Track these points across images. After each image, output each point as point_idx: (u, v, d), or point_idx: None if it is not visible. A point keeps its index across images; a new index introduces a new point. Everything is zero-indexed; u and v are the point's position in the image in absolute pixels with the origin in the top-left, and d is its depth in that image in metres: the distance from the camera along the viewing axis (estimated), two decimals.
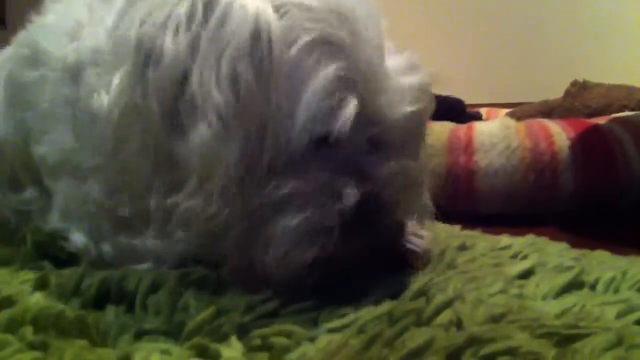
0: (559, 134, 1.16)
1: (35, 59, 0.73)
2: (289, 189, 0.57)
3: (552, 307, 0.58)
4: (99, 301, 0.59)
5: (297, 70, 0.57)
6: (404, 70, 0.63)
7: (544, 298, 0.61)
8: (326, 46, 0.58)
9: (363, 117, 0.59)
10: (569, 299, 0.60)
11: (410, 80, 0.62)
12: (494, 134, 1.16)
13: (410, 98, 0.62)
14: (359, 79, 0.58)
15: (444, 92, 1.62)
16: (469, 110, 1.77)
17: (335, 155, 0.59)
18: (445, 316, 0.52)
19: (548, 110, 1.80)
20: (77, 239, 0.70)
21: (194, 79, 0.55)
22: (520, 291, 0.62)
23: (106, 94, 0.60)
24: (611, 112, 1.61)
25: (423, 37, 2.46)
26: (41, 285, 0.62)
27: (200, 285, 0.60)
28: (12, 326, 0.51)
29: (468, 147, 1.16)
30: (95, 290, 0.59)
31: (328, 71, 0.57)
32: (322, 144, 0.58)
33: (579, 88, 1.80)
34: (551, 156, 1.14)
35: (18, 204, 0.79)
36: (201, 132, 0.55)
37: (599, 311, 0.56)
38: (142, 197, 0.60)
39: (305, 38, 0.57)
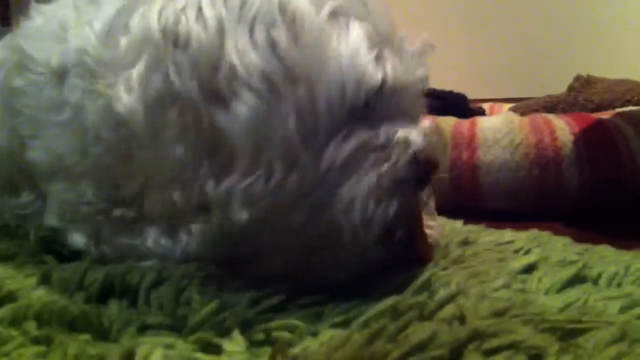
0: (563, 129, 1.16)
1: (22, 64, 0.73)
2: (357, 144, 0.56)
3: (555, 301, 0.58)
4: (103, 296, 0.59)
5: (331, 33, 0.56)
6: (405, 39, 0.64)
7: (547, 292, 0.61)
8: (350, 12, 0.58)
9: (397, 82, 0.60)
10: (572, 293, 0.60)
11: (414, 47, 0.64)
12: (497, 129, 1.16)
13: (420, 63, 0.63)
14: (384, 42, 0.59)
15: (447, 87, 1.62)
16: (472, 105, 1.77)
17: (381, 110, 0.59)
18: (448, 311, 0.52)
19: (552, 105, 1.80)
20: (76, 240, 0.70)
21: (230, 50, 0.55)
22: (523, 286, 0.62)
23: (126, 90, 0.58)
24: (615, 107, 1.60)
25: (426, 32, 2.46)
26: (45, 280, 0.62)
27: (204, 280, 0.60)
28: (16, 321, 0.51)
29: (471, 142, 1.16)
30: (98, 285, 0.59)
31: (360, 30, 0.57)
32: (373, 98, 0.58)
33: (582, 83, 1.80)
34: (555, 151, 1.13)
35: (16, 207, 0.79)
36: (247, 101, 0.54)
37: (602, 305, 0.56)
38: (189, 188, 0.58)
39: (329, 5, 0.57)
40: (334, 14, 0.57)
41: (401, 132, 0.59)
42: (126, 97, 0.58)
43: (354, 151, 0.56)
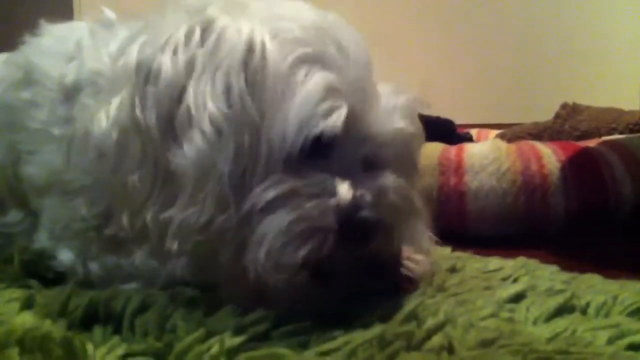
0: (550, 157, 1.17)
1: (28, 79, 0.74)
2: (283, 188, 0.57)
3: (543, 331, 0.58)
4: (87, 321, 0.59)
5: (289, 81, 0.58)
6: (391, 92, 0.65)
7: (535, 322, 0.61)
8: (317, 61, 0.60)
9: (353, 130, 0.60)
10: (560, 324, 0.60)
11: (398, 99, 0.64)
12: (484, 156, 1.16)
13: (399, 115, 0.63)
14: (349, 92, 0.60)
15: (434, 113, 1.63)
16: (459, 130, 1.78)
17: (330, 161, 0.60)
18: (436, 340, 0.52)
19: (538, 132, 1.81)
20: (65, 257, 0.70)
21: (190, 93, 0.58)
22: (511, 315, 0.62)
23: (105, 116, 0.61)
24: (600, 135, 1.61)
25: (414, 58, 2.47)
26: (28, 305, 0.61)
27: (190, 306, 0.59)
28: None
29: (459, 168, 1.16)
30: (82, 311, 0.59)
31: (319, 80, 0.59)
32: (316, 148, 0.58)
33: (568, 111, 1.81)
34: (542, 178, 1.14)
35: (2, 226, 0.79)
36: (196, 142, 0.57)
37: (590, 336, 0.56)
38: (137, 214, 0.60)
39: (297, 52, 0.59)
40: (300, 62, 0.59)
41: (334, 184, 0.59)
42: (104, 122, 0.61)
43: (279, 196, 0.57)
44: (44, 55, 0.75)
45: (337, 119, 0.58)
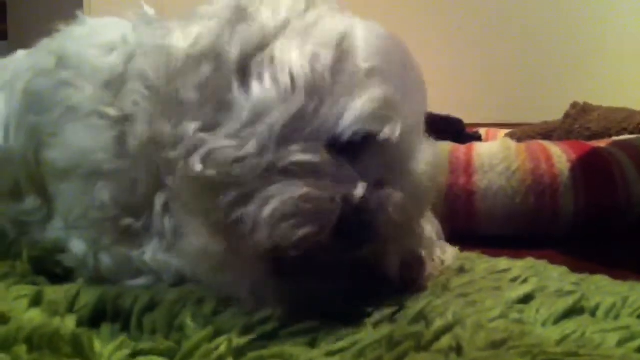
0: (560, 157, 1.16)
1: (62, 64, 0.74)
2: (314, 159, 0.59)
3: (553, 332, 0.57)
4: (95, 319, 0.59)
5: (363, 81, 0.61)
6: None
7: (544, 323, 0.60)
8: (388, 78, 0.63)
9: (387, 152, 0.62)
10: (570, 325, 0.59)
11: (433, 150, 0.68)
12: (494, 155, 1.16)
13: (432, 161, 0.66)
14: (402, 118, 0.62)
15: (443, 112, 1.63)
16: (468, 130, 1.77)
17: (354, 164, 0.61)
18: (445, 341, 0.52)
19: (548, 132, 1.80)
20: (77, 247, 0.70)
21: (278, 44, 0.61)
22: (520, 316, 0.61)
23: (183, 38, 0.63)
24: (610, 135, 1.61)
25: (423, 56, 2.47)
26: (36, 302, 0.61)
27: (198, 304, 0.59)
28: (6, 344, 0.50)
29: (468, 167, 1.15)
30: (90, 308, 0.59)
31: (387, 91, 0.62)
32: (351, 146, 0.60)
33: (578, 110, 1.80)
34: (552, 178, 1.13)
35: (18, 214, 0.79)
36: (266, 85, 0.60)
37: (599, 338, 0.56)
38: (178, 125, 0.61)
39: (376, 62, 0.63)
40: (374, 70, 0.62)
41: (356, 180, 0.60)
42: (181, 37, 0.63)
43: (307, 165, 0.58)
44: (80, 43, 0.76)
45: (393, 130, 0.61)
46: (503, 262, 0.81)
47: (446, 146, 1.22)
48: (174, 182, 0.64)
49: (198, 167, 0.59)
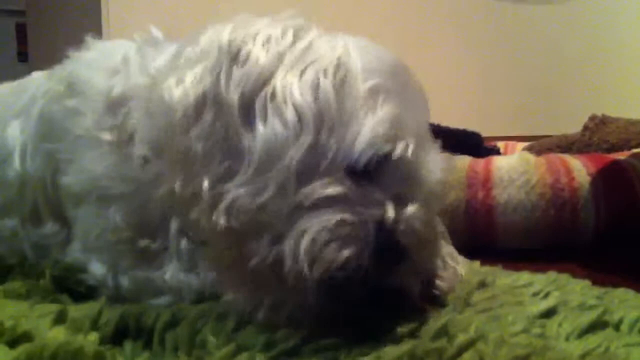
0: (580, 170, 1.15)
1: (72, 91, 0.76)
2: (340, 189, 0.59)
3: (576, 347, 0.57)
4: (117, 336, 0.59)
5: (367, 101, 0.61)
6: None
7: (567, 338, 0.60)
8: (391, 94, 0.63)
9: (401, 164, 0.62)
10: (593, 340, 0.59)
11: (442, 155, 0.68)
12: (513, 169, 1.15)
13: (442, 168, 0.66)
14: (411, 130, 0.63)
15: (461, 126, 1.62)
16: (486, 143, 1.77)
17: (374, 185, 0.61)
18: (467, 357, 0.51)
19: (567, 145, 1.79)
20: (96, 269, 0.71)
21: (278, 79, 0.60)
22: (543, 330, 0.61)
23: (178, 85, 0.62)
24: (630, 148, 1.60)
25: (440, 71, 2.47)
26: (59, 319, 0.62)
27: (220, 320, 0.59)
28: None
29: (486, 181, 1.15)
30: (113, 326, 0.59)
31: (393, 110, 0.62)
32: (370, 168, 0.60)
33: (597, 123, 1.79)
34: (571, 192, 1.13)
35: (38, 237, 0.80)
36: (274, 126, 0.59)
37: (624, 353, 0.55)
38: (191, 181, 0.60)
39: (377, 81, 0.62)
40: (377, 89, 0.62)
41: (384, 200, 0.60)
42: (175, 87, 0.62)
43: (332, 196, 0.58)
44: (89, 68, 0.77)
45: (406, 146, 0.61)
46: (524, 276, 0.81)
47: (465, 160, 1.22)
48: (196, 236, 0.65)
49: (223, 221, 0.58)
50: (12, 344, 0.55)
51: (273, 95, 0.60)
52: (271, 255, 0.58)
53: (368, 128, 0.60)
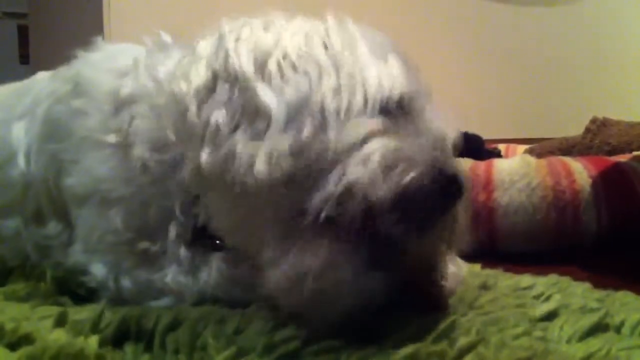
0: (581, 172, 1.15)
1: (77, 91, 0.76)
2: (378, 126, 0.59)
3: (577, 350, 0.57)
4: (118, 339, 0.59)
5: (372, 56, 0.63)
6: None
7: (569, 341, 0.60)
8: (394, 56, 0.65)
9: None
10: (595, 343, 0.59)
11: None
12: (514, 171, 1.15)
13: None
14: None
15: (461, 128, 1.62)
16: (487, 146, 1.77)
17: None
18: None
19: (568, 147, 1.79)
20: (97, 271, 0.71)
21: (286, 42, 0.63)
22: (544, 333, 0.61)
23: (185, 79, 0.63)
24: (631, 150, 1.60)
25: (441, 73, 2.47)
26: (60, 321, 0.62)
27: (220, 323, 0.59)
28: None
29: (488, 184, 1.15)
30: (114, 328, 0.59)
31: (399, 62, 0.64)
32: (404, 108, 0.62)
33: (598, 125, 1.79)
34: (573, 194, 1.13)
35: (41, 238, 0.80)
36: (294, 79, 0.61)
37: (625, 356, 0.55)
38: (219, 149, 0.60)
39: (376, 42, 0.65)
40: (376, 49, 0.64)
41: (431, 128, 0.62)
42: (183, 81, 0.63)
43: (376, 131, 0.59)
44: (95, 69, 0.77)
45: (419, 84, 0.65)
46: (526, 279, 0.81)
47: (466, 163, 1.22)
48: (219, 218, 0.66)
49: (265, 171, 0.57)
50: (13, 346, 0.55)
51: (285, 55, 0.62)
52: (337, 191, 0.56)
53: (388, 71, 0.62)
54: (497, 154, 1.72)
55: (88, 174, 0.72)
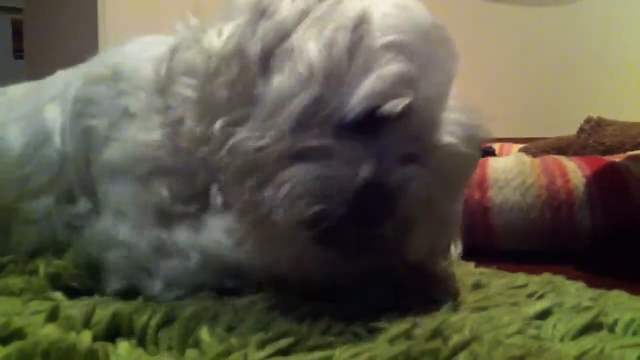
0: (575, 172, 1.16)
1: (119, 77, 0.79)
2: (324, 142, 0.61)
3: (571, 349, 0.57)
4: (111, 334, 0.59)
5: (376, 58, 0.62)
6: (463, 110, 0.69)
7: (562, 339, 0.60)
8: (404, 51, 0.64)
9: (408, 125, 0.63)
10: (588, 341, 0.59)
11: (465, 120, 0.68)
12: (508, 170, 1.16)
13: (460, 135, 0.66)
14: (421, 89, 0.63)
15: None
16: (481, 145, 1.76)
17: (373, 143, 0.62)
18: (462, 358, 0.51)
19: (562, 147, 1.79)
20: (122, 231, 0.73)
21: (297, 34, 0.63)
22: (538, 332, 0.61)
23: (218, 36, 0.66)
24: (625, 150, 1.60)
25: None
26: (52, 317, 0.61)
27: (213, 320, 0.59)
28: (23, 359, 0.50)
29: (482, 183, 1.15)
30: (106, 323, 0.59)
31: (398, 67, 0.63)
32: (368, 126, 0.62)
33: (593, 125, 1.79)
34: (567, 193, 1.13)
35: (70, 217, 0.81)
36: (286, 78, 0.62)
37: (618, 355, 0.55)
38: (210, 123, 0.65)
39: (392, 37, 0.63)
40: (390, 46, 0.63)
41: (363, 160, 0.61)
42: (216, 38, 0.66)
43: (316, 149, 0.61)
44: (134, 59, 0.80)
45: (397, 105, 0.61)
46: (520, 278, 0.81)
47: None
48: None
49: (226, 158, 0.63)
50: (4, 341, 0.54)
51: (291, 50, 0.63)
52: (255, 198, 0.61)
53: (367, 84, 0.61)
54: (492, 153, 1.71)
55: (131, 146, 0.74)
